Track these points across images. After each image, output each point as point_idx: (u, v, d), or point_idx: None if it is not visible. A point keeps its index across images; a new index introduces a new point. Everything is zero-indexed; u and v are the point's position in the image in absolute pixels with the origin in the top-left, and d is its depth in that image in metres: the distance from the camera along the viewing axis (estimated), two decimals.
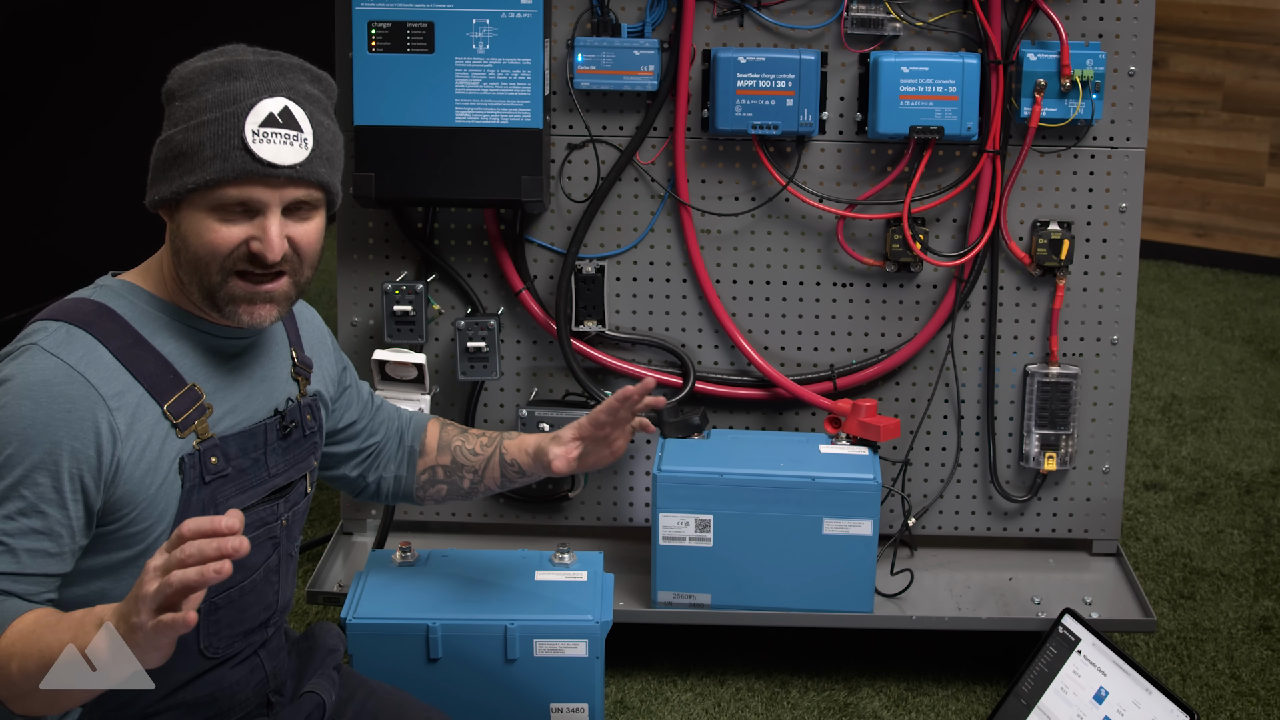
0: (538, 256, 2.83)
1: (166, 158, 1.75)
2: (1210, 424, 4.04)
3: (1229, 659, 2.93)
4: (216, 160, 1.72)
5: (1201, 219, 5.32)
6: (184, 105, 1.75)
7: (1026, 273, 2.82)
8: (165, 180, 1.75)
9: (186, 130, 1.73)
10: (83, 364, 1.71)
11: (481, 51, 2.62)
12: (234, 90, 1.74)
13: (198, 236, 1.75)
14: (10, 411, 1.67)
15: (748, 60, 2.67)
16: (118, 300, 1.80)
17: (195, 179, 1.72)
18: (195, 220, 1.75)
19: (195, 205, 1.75)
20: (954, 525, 2.93)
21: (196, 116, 1.73)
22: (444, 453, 2.25)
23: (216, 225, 1.75)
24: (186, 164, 1.73)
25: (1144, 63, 2.74)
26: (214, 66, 1.76)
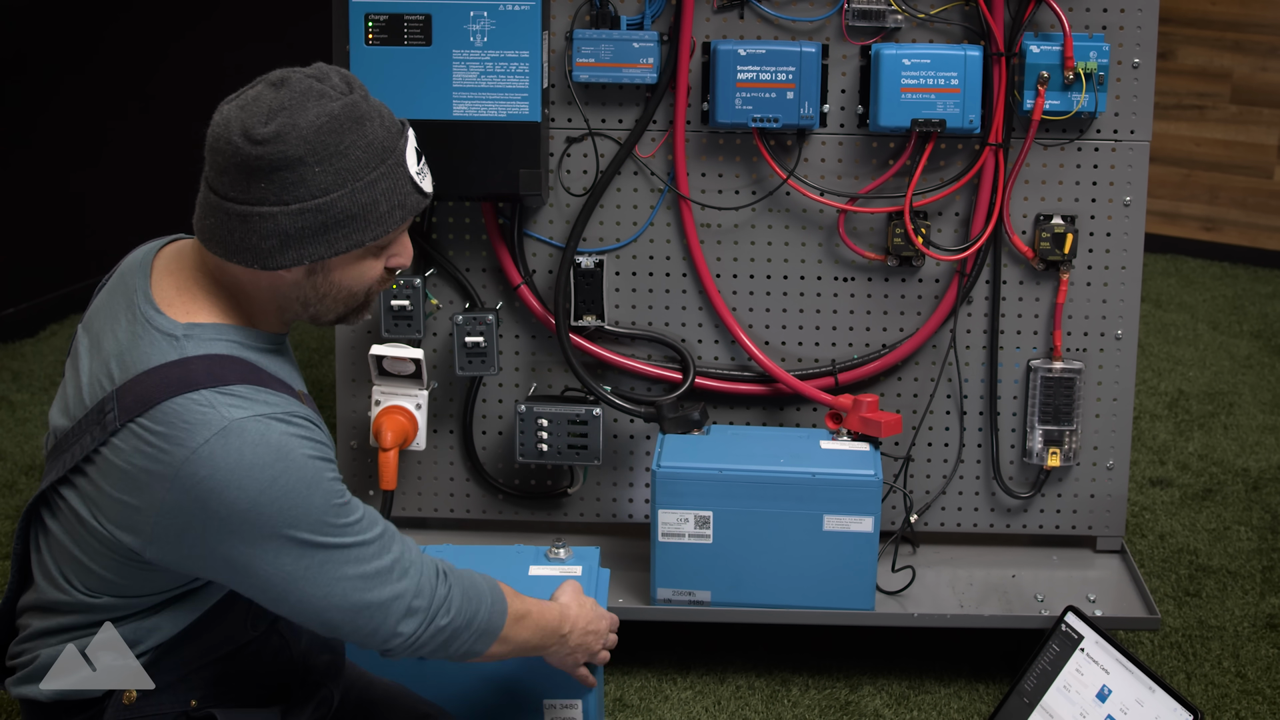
0: (536, 251, 2.81)
1: (325, 224, 1.70)
2: (1218, 420, 4.01)
3: (1235, 657, 2.91)
4: (396, 211, 1.75)
5: (1210, 212, 5.28)
6: (328, 169, 1.69)
7: (1030, 267, 2.79)
8: (323, 243, 1.71)
9: (352, 194, 1.70)
10: (272, 406, 1.71)
11: (479, 44, 2.60)
12: (375, 138, 1.72)
13: (357, 278, 1.79)
14: (287, 479, 1.68)
15: (748, 53, 2.65)
16: (214, 344, 1.75)
17: (375, 233, 1.74)
18: (354, 266, 1.77)
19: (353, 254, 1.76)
20: (956, 522, 2.91)
21: (358, 178, 1.70)
22: None
23: (373, 262, 1.79)
24: (358, 223, 1.72)
25: (1148, 55, 2.72)
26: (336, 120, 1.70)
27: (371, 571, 1.76)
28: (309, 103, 1.69)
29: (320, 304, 1.80)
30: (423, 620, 1.81)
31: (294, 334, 1.98)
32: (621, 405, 2.76)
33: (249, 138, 1.67)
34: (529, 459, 2.80)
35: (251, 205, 1.69)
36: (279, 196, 1.68)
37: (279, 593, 1.73)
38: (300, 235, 1.70)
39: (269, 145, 1.67)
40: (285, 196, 1.69)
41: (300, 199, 1.69)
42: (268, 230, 1.70)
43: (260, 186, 1.68)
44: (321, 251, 1.72)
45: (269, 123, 1.68)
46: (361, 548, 1.75)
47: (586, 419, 2.78)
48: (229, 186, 1.70)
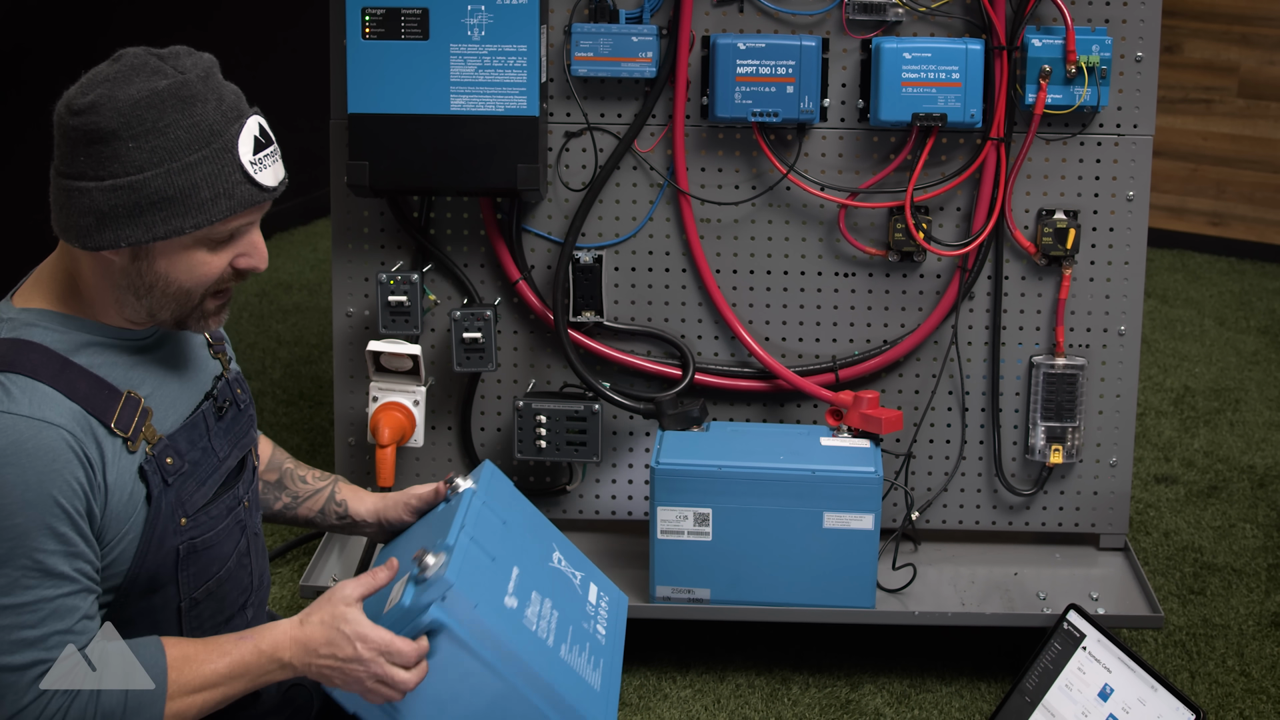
0: (535, 246, 2.80)
1: (137, 204, 1.63)
2: (1224, 416, 3.98)
3: (1239, 656, 2.89)
4: (221, 199, 1.66)
5: (1217, 207, 5.25)
6: (143, 145, 1.63)
7: (1032, 262, 2.77)
8: (138, 225, 1.64)
9: (169, 175, 1.63)
10: (36, 408, 1.64)
11: (477, 38, 2.59)
12: (203, 119, 1.65)
13: (187, 272, 1.70)
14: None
15: (747, 46, 2.63)
16: (29, 329, 1.71)
17: (195, 221, 1.65)
18: (180, 257, 1.69)
19: (177, 243, 1.68)
20: (958, 519, 2.89)
21: (175, 159, 1.63)
22: (271, 471, 2.14)
23: (207, 257, 1.70)
24: (177, 208, 1.64)
25: (1151, 48, 2.69)
26: (158, 95, 1.63)
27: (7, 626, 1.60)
28: (136, 78, 1.64)
29: (150, 297, 1.71)
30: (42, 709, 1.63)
31: (292, 329, 1.95)
32: (620, 402, 2.75)
33: (69, 107, 1.64)
34: (527, 456, 2.78)
35: (72, 179, 1.65)
36: (95, 171, 1.63)
37: None
38: (114, 214, 1.64)
39: (84, 116, 1.62)
40: (100, 171, 1.63)
41: (114, 175, 1.63)
42: (85, 206, 1.65)
43: (80, 160, 1.64)
44: (138, 235, 1.65)
45: (88, 94, 1.63)
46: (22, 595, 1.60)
47: (585, 415, 2.76)
48: (59, 159, 1.67)
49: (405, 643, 1.71)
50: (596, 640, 1.94)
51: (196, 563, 1.82)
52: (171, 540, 1.77)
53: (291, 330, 4.38)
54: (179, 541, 1.78)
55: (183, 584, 1.80)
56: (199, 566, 1.82)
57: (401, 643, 1.71)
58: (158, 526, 1.75)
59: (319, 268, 5.00)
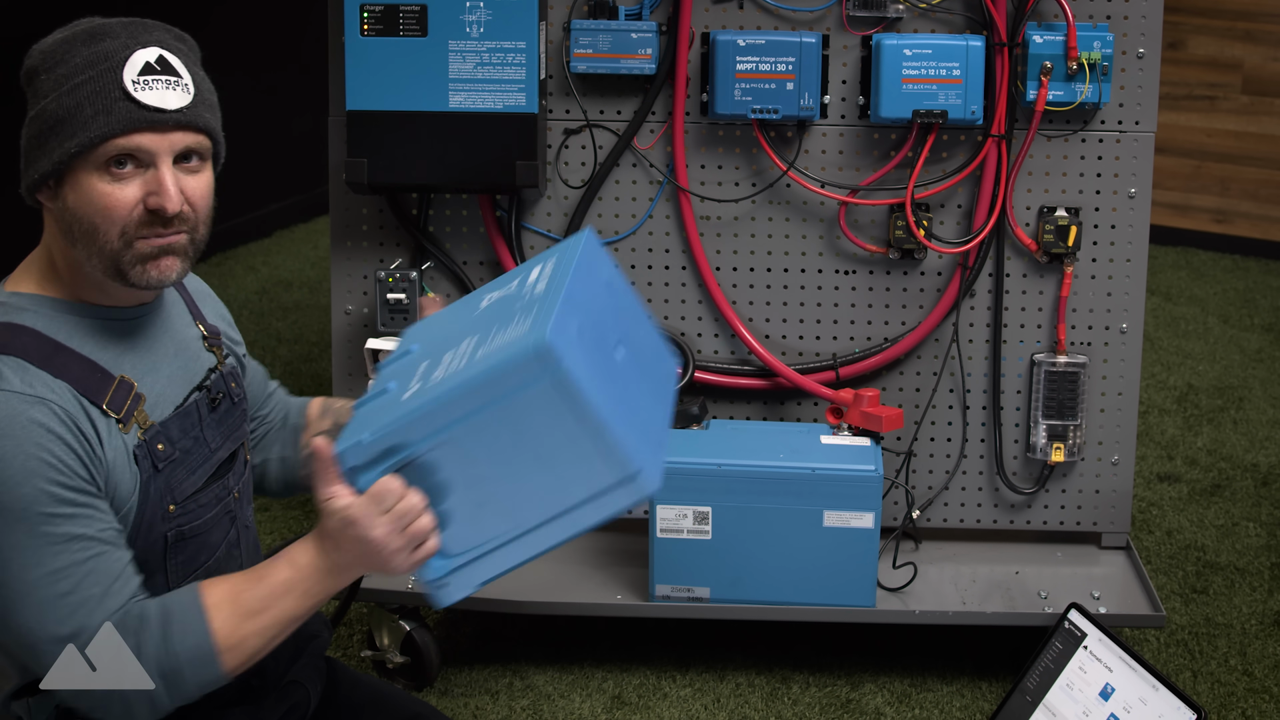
0: (534, 243, 2.79)
1: (40, 132, 1.68)
2: (1227, 414, 3.97)
3: (1241, 655, 2.87)
4: (100, 116, 1.65)
5: (1221, 204, 5.23)
6: (50, 76, 1.68)
7: (1033, 260, 2.76)
8: (43, 153, 1.68)
9: (59, 97, 1.67)
10: (28, 385, 1.64)
11: (475, 35, 2.58)
12: (103, 49, 1.69)
13: (90, 204, 1.67)
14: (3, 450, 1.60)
15: (747, 43, 2.62)
16: (20, 314, 1.71)
17: (79, 140, 1.65)
18: (84, 188, 1.68)
19: (81, 172, 1.67)
20: (959, 518, 2.88)
21: (68, 82, 1.67)
22: (326, 416, 2.10)
23: (109, 187, 1.68)
24: (65, 129, 1.66)
25: (1153, 45, 2.68)
26: (75, 34, 1.70)
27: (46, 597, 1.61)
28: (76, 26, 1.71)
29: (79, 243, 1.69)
30: None
31: (292, 327, 1.94)
32: None
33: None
34: None
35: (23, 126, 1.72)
36: (27, 112, 1.70)
37: None
38: (30, 147, 1.70)
39: (25, 62, 1.71)
40: (29, 110, 1.70)
41: (32, 108, 1.69)
42: (21, 148, 1.71)
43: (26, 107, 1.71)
44: (43, 164, 1.68)
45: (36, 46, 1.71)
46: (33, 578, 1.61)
47: None
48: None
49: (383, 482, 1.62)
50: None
51: (184, 551, 1.81)
52: (160, 527, 1.77)
53: (292, 328, 4.37)
54: (167, 529, 1.78)
55: (170, 572, 1.80)
56: (186, 555, 1.82)
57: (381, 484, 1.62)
58: (146, 512, 1.75)
59: (319, 265, 4.98)
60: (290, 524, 3.32)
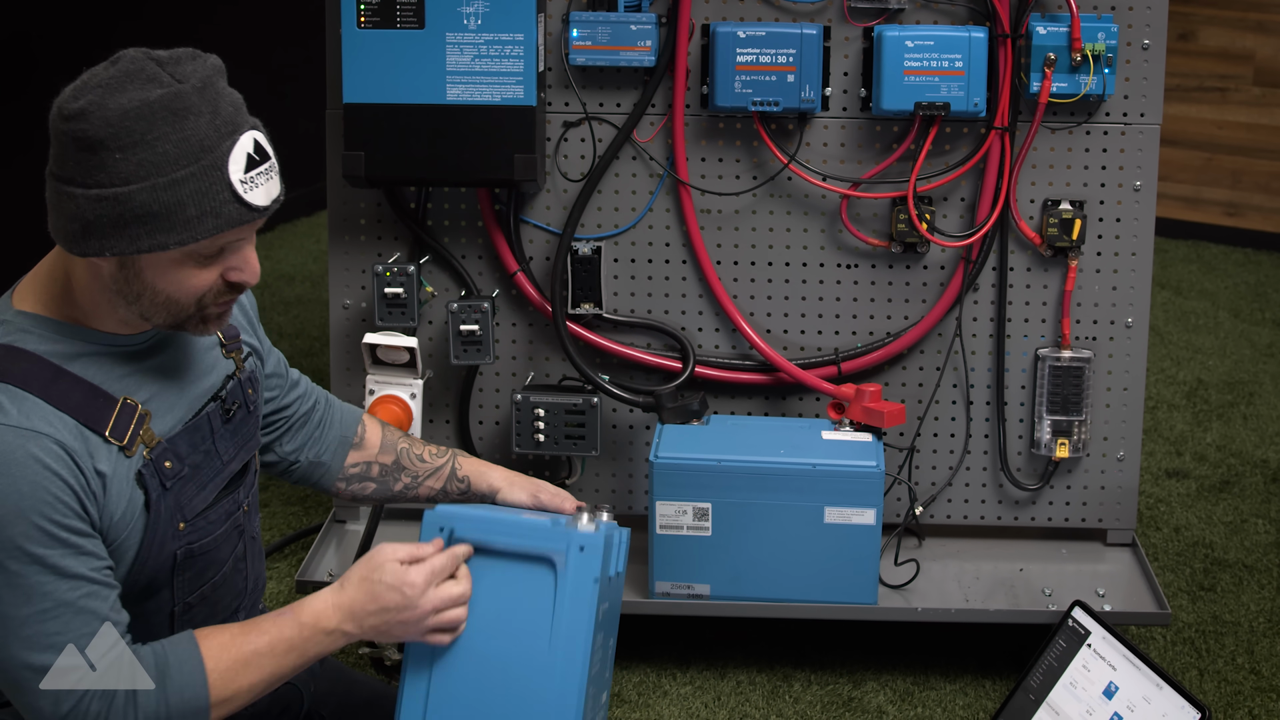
0: (533, 237, 2.76)
1: (122, 216, 1.58)
2: (1237, 409, 3.93)
3: (1249, 653, 2.84)
4: (207, 218, 1.60)
5: (1233, 197, 5.19)
6: (130, 158, 1.57)
7: (1037, 253, 2.73)
8: (124, 237, 1.59)
9: (154, 190, 1.58)
10: (24, 418, 1.60)
11: (473, 27, 2.55)
12: (194, 135, 1.59)
13: (176, 285, 1.65)
14: None
15: (747, 35, 2.60)
16: (23, 336, 1.67)
17: (180, 238, 1.60)
18: (166, 269, 1.64)
19: (163, 257, 1.63)
20: (963, 514, 2.85)
21: (161, 174, 1.58)
22: (387, 452, 2.12)
23: (196, 271, 1.65)
24: (160, 223, 1.59)
25: (1159, 36, 2.64)
26: (149, 106, 1.57)
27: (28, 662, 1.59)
28: (129, 85, 1.58)
29: (141, 304, 1.67)
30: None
31: (294, 321, 1.91)
32: (619, 395, 2.71)
33: (60, 111, 1.58)
34: (525, 449, 2.75)
35: (62, 183, 1.61)
36: (82, 179, 1.58)
37: None
38: (99, 224, 1.59)
39: (74, 122, 1.57)
40: (87, 180, 1.58)
41: (100, 184, 1.58)
42: (71, 212, 1.60)
43: (70, 165, 1.59)
44: (123, 246, 1.60)
45: (79, 99, 1.57)
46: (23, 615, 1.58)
47: (584, 409, 2.73)
48: (52, 159, 1.62)
49: (439, 556, 1.77)
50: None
51: (193, 567, 1.79)
52: (170, 545, 1.74)
53: (294, 322, 4.35)
54: (176, 546, 1.75)
55: (177, 588, 1.78)
56: (195, 571, 1.80)
57: (438, 558, 1.76)
58: (157, 532, 1.72)
59: (321, 259, 4.97)
60: (290, 519, 3.31)
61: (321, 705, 2.03)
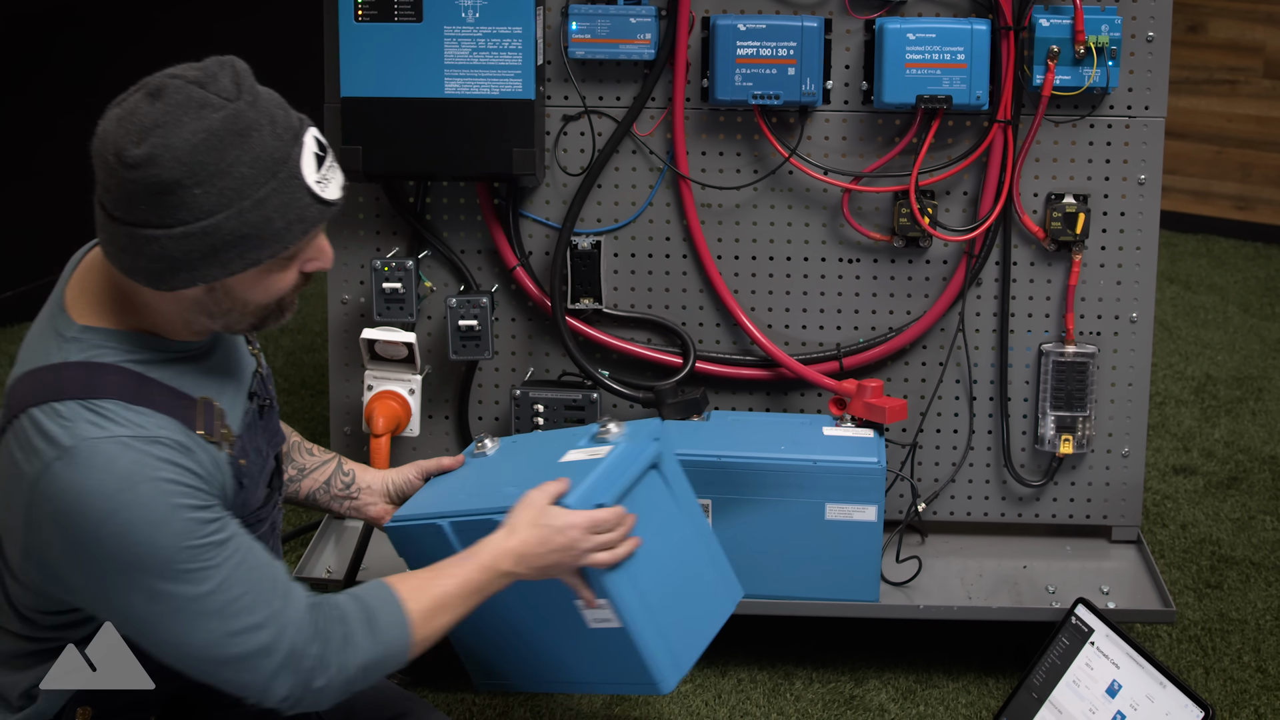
0: (533, 232, 2.75)
1: (214, 246, 1.59)
2: (1245, 405, 3.90)
3: (1255, 651, 2.82)
4: (294, 225, 1.63)
5: (1243, 191, 5.15)
6: (209, 189, 1.57)
7: (1041, 247, 2.71)
8: (215, 264, 1.60)
9: (240, 214, 1.58)
10: (134, 428, 1.62)
11: (471, 20, 2.54)
12: (265, 149, 1.60)
13: (263, 292, 1.68)
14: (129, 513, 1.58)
15: (748, 27, 2.57)
16: (99, 351, 1.67)
17: (272, 251, 1.62)
18: (255, 281, 1.66)
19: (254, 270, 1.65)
20: (966, 511, 2.83)
21: (245, 196, 1.58)
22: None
23: (280, 274, 1.68)
24: (251, 243, 1.60)
25: (1163, 28, 2.62)
26: (214, 135, 1.57)
27: (234, 629, 1.63)
28: (185, 117, 1.57)
29: (228, 317, 1.70)
30: (295, 685, 1.68)
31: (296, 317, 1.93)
32: (619, 390, 2.70)
33: (123, 161, 1.57)
34: None
35: (136, 227, 1.59)
36: (161, 219, 1.58)
37: (136, 630, 1.65)
38: (190, 259, 1.60)
39: (143, 169, 1.56)
40: (168, 219, 1.58)
41: (183, 222, 1.58)
42: (154, 253, 1.60)
43: (141, 209, 1.58)
44: (216, 273, 1.62)
45: (141, 143, 1.56)
46: (220, 595, 1.62)
47: (584, 404, 2.72)
48: (113, 205, 1.60)
49: (605, 511, 1.91)
50: None
51: None
52: None
53: (294, 317, 4.30)
54: None
55: None
56: None
57: (602, 513, 1.91)
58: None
59: None
60: (289, 516, 3.30)
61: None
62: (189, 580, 1.60)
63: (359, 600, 1.74)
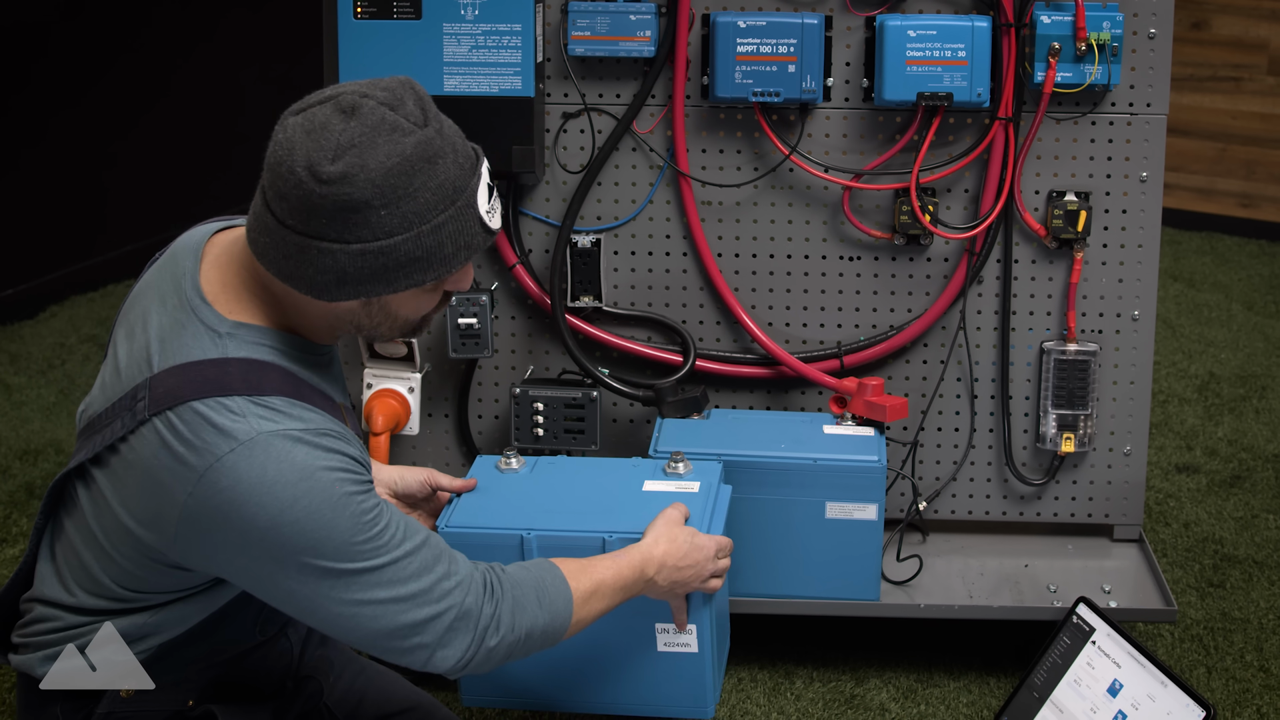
0: (532, 229, 2.74)
1: (387, 266, 1.63)
2: (1249, 403, 3.89)
3: (1258, 650, 2.81)
4: (461, 251, 1.68)
5: (1247, 188, 5.14)
6: (395, 212, 1.60)
7: (1042, 245, 2.70)
8: (383, 282, 1.64)
9: (419, 238, 1.62)
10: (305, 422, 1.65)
11: (470, 17, 2.53)
12: (447, 179, 1.64)
13: (414, 310, 1.74)
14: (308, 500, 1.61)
15: (748, 24, 2.56)
16: (257, 349, 1.69)
17: (437, 274, 1.67)
18: (411, 299, 1.72)
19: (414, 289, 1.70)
20: (967, 509, 2.82)
21: (425, 221, 1.62)
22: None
23: (432, 294, 1.74)
24: (421, 265, 1.65)
25: (1165, 25, 2.60)
26: (407, 161, 1.60)
27: (406, 594, 1.68)
28: (380, 139, 1.59)
29: (375, 330, 1.75)
30: (470, 643, 1.73)
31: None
32: (619, 388, 2.69)
33: (315, 175, 1.58)
34: (525, 444, 2.73)
35: (310, 238, 1.61)
36: (340, 235, 1.61)
37: (305, 610, 1.68)
38: (360, 275, 1.63)
39: (336, 186, 1.58)
40: (347, 236, 1.61)
41: (363, 240, 1.61)
42: (325, 265, 1.62)
43: (321, 222, 1.60)
44: (381, 290, 1.66)
45: (336, 160, 1.58)
46: (393, 567, 1.68)
47: (583, 402, 2.71)
48: (288, 214, 1.62)
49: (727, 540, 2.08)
50: None
51: None
52: None
53: None
54: None
55: None
56: None
57: (727, 541, 2.07)
58: None
59: None
60: None
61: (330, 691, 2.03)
62: (363, 558, 1.65)
63: (528, 570, 1.82)
